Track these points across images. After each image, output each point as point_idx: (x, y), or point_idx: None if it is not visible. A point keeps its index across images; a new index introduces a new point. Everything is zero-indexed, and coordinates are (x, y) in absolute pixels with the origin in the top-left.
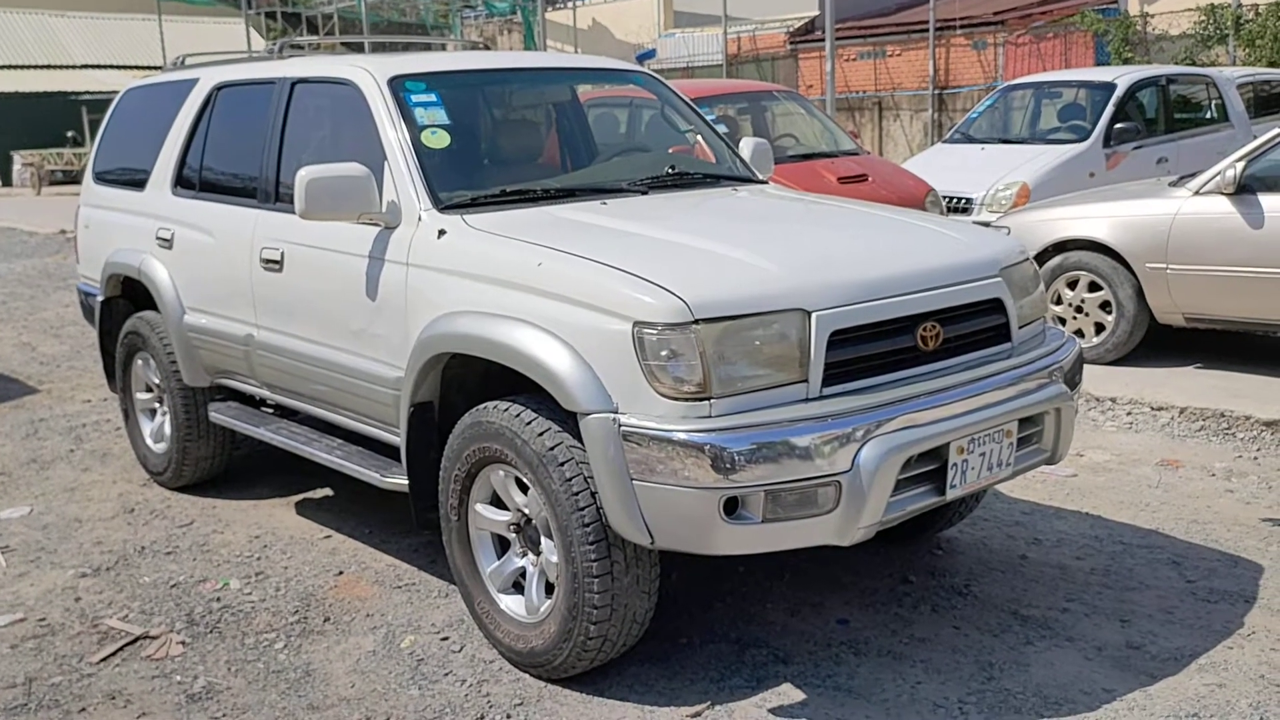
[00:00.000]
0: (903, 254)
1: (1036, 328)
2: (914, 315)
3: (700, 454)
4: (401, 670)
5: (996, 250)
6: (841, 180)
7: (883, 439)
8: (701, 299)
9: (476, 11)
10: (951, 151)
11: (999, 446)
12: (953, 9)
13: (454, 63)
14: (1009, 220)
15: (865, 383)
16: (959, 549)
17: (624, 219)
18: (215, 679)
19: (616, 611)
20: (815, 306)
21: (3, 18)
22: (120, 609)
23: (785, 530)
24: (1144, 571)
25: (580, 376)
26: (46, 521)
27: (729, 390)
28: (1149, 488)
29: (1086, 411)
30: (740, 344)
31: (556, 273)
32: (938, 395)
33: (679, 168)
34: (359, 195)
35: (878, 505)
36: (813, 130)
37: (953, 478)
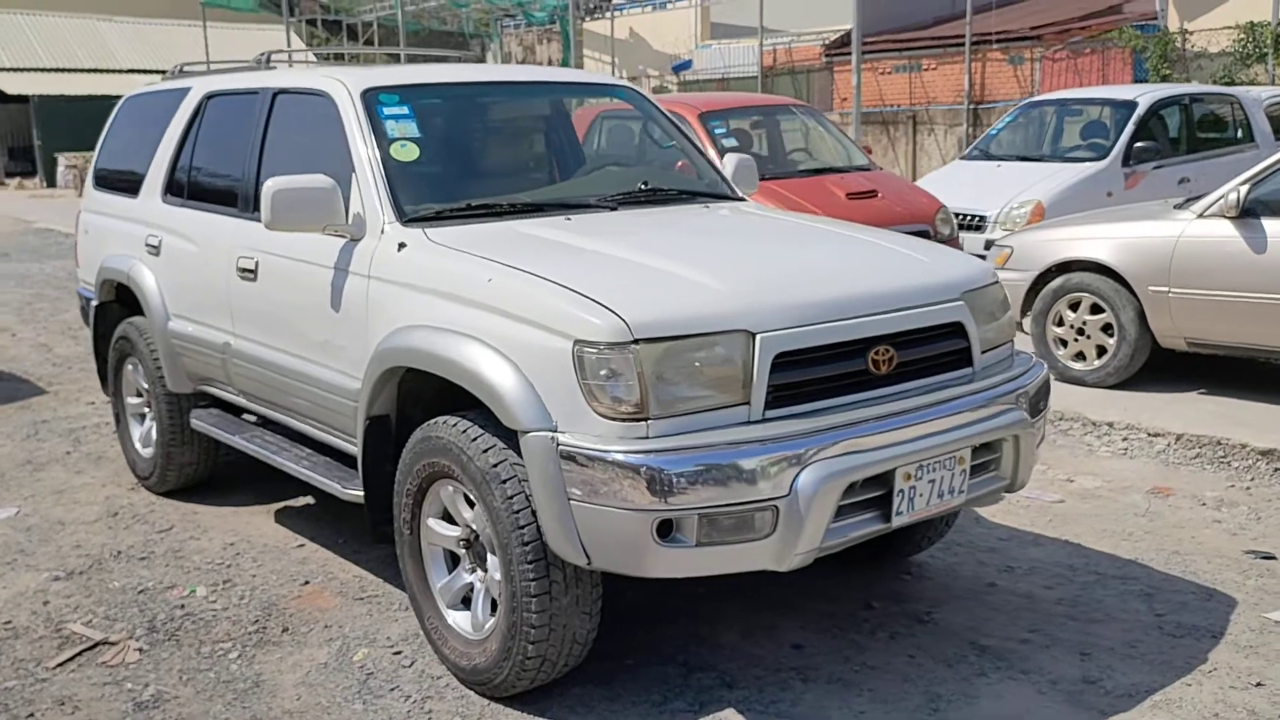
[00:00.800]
0: (859, 276)
1: (1003, 352)
2: (865, 338)
3: (635, 475)
4: (349, 684)
5: (960, 274)
6: (850, 196)
7: (822, 464)
8: (642, 319)
9: (516, 21)
10: (968, 168)
11: (950, 474)
12: (989, 23)
13: (431, 76)
14: (1012, 240)
15: (811, 406)
16: (927, 574)
17: (584, 235)
18: (165, 688)
19: (555, 631)
20: (760, 328)
21: (51, 21)
22: (86, 614)
23: (720, 554)
24: (1113, 603)
25: (521, 394)
26: (30, 523)
27: (667, 411)
28: (1135, 516)
29: (1081, 436)
30: (681, 365)
31: (504, 289)
32: (885, 420)
33: (652, 184)
34: (324, 207)
35: (816, 531)
36: (826, 145)
37: (899, 505)
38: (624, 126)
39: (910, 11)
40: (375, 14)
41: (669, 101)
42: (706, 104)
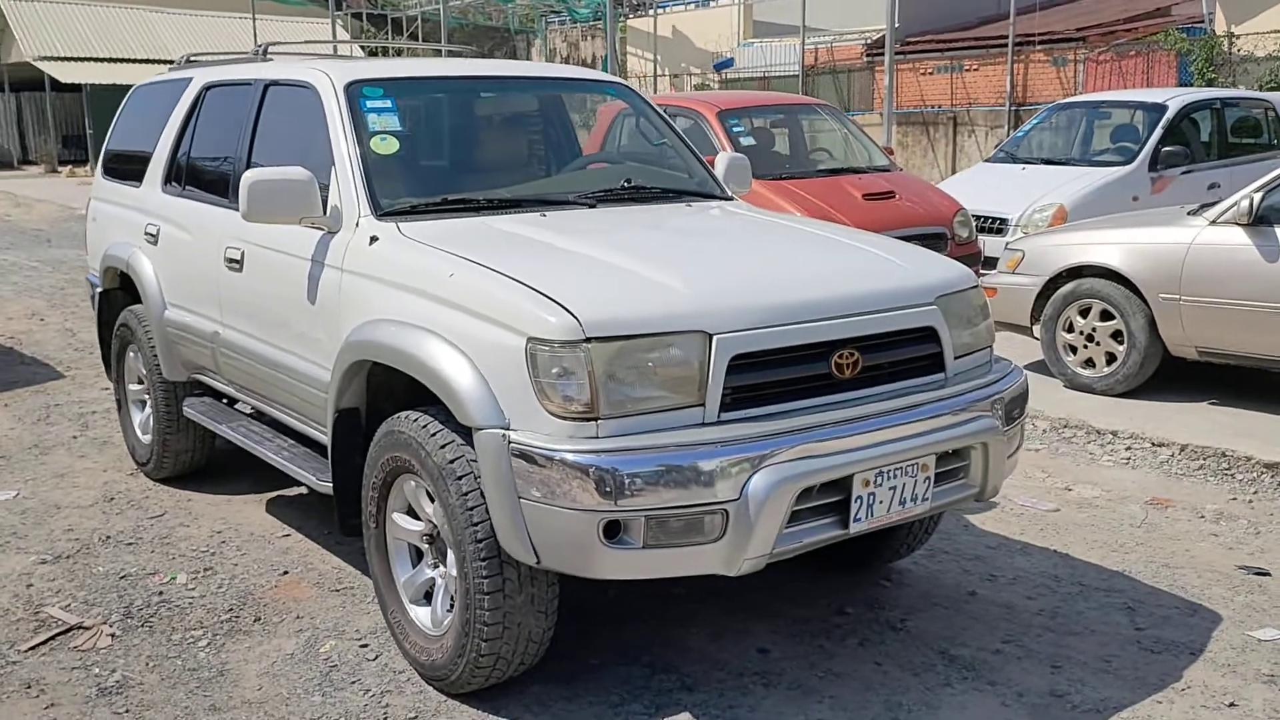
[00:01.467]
0: (827, 279)
1: (980, 358)
2: (827, 342)
3: (583, 475)
4: (312, 676)
5: (935, 278)
6: (867, 197)
7: (775, 468)
8: (595, 317)
9: (560, 17)
10: (993, 171)
11: (912, 481)
12: (1033, 24)
13: (417, 70)
14: (1023, 244)
15: (769, 409)
16: (907, 581)
17: (555, 232)
18: (131, 674)
19: (510, 630)
20: (717, 329)
21: (105, 12)
22: (66, 598)
23: (668, 557)
24: (1094, 616)
25: (475, 391)
26: (27, 506)
27: (619, 411)
28: (1130, 527)
29: (1084, 444)
30: (634, 364)
31: (465, 284)
32: (845, 425)
33: (635, 182)
34: (300, 199)
35: (767, 536)
36: (847, 146)
37: (857, 511)
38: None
39: (955, 12)
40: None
41: (689, 100)
42: (726, 102)
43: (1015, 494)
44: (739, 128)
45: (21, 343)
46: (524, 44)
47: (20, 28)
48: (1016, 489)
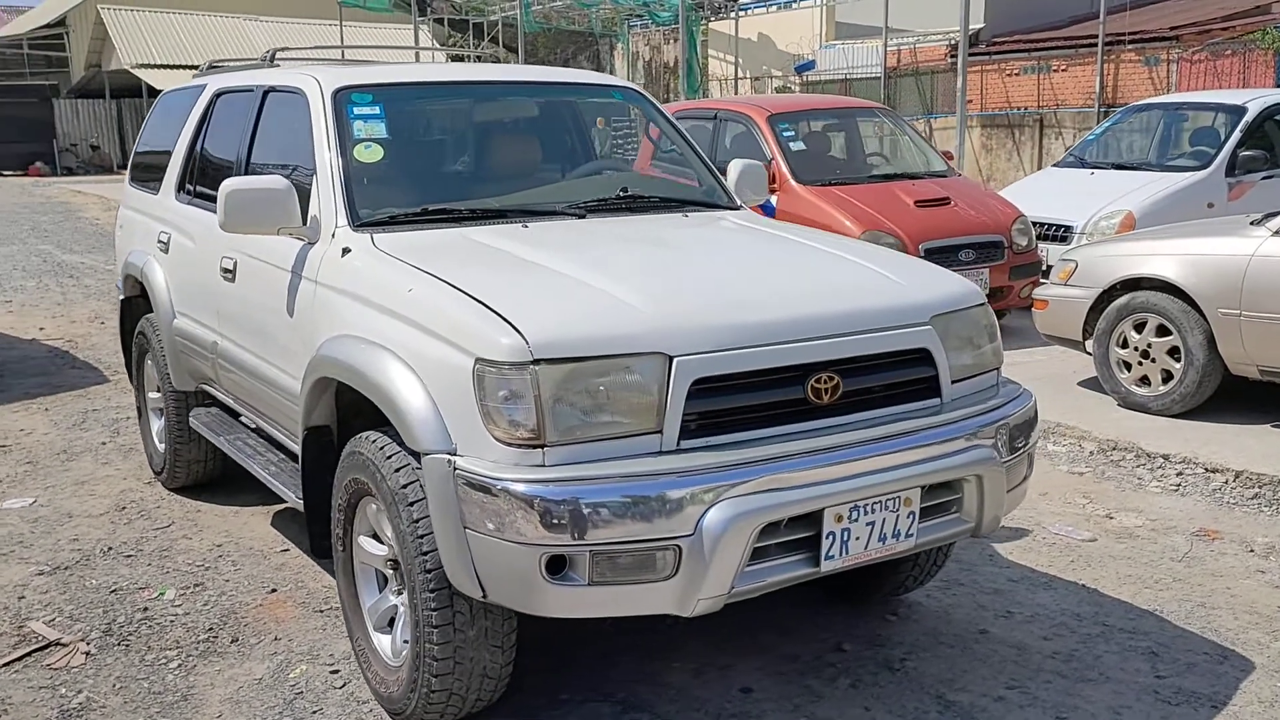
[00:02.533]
0: (807, 296)
1: (984, 381)
2: (801, 365)
3: (526, 507)
4: (274, 703)
5: (933, 296)
6: (919, 203)
7: (734, 501)
8: (545, 338)
9: (643, 21)
10: (1060, 176)
11: (894, 516)
12: (1125, 23)
13: (412, 75)
14: (1077, 254)
15: (735, 436)
16: (915, 616)
17: (530, 245)
18: (96, 695)
19: (462, 665)
20: (678, 351)
21: (199, 20)
22: (54, 611)
23: (617, 595)
24: (1112, 660)
25: (423, 413)
26: (40, 514)
27: (567, 438)
28: (1171, 561)
29: (1133, 469)
30: (585, 388)
31: (421, 300)
32: (817, 455)
33: (632, 190)
34: (277, 209)
35: (724, 574)
36: (904, 150)
37: (829, 548)
38: (702, 127)
39: (1044, 10)
40: (501, 13)
41: (740, 104)
42: (777, 106)
43: (1050, 522)
44: (789, 132)
45: (78, 346)
46: (607, 48)
47: (120, 37)
48: (1052, 516)
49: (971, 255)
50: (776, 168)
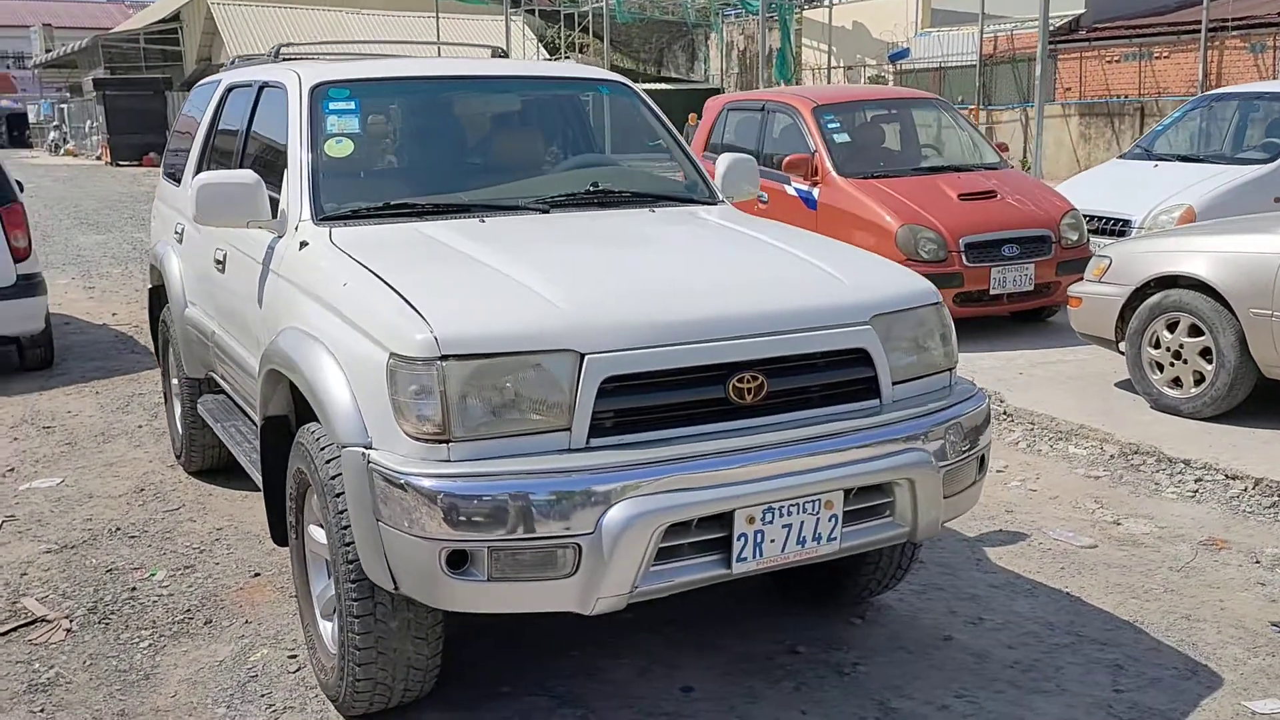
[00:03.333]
0: (734, 294)
1: (934, 383)
2: (721, 364)
3: (429, 502)
4: (228, 686)
5: (876, 294)
6: (963, 196)
7: (636, 501)
8: (454, 334)
9: (736, 10)
10: (1123, 168)
11: (813, 519)
12: (1229, 8)
13: (392, 70)
14: (1112, 250)
15: (647, 435)
16: (882, 620)
17: (476, 240)
18: (65, 672)
19: (385, 655)
20: (589, 348)
21: (301, 14)
22: (49, 589)
23: (517, 592)
24: (1073, 672)
25: (344, 406)
26: (64, 494)
27: (473, 434)
28: (1169, 570)
29: (1151, 473)
30: (493, 385)
31: (352, 295)
32: (729, 456)
33: (603, 185)
34: (246, 202)
35: (625, 574)
36: (958, 142)
37: (741, 550)
38: (751, 118)
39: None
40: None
41: (787, 95)
42: (824, 97)
43: (1052, 526)
44: (834, 124)
45: (141, 331)
46: (701, 38)
47: (228, 30)
48: (1056, 521)
49: (1016, 250)
50: (819, 159)
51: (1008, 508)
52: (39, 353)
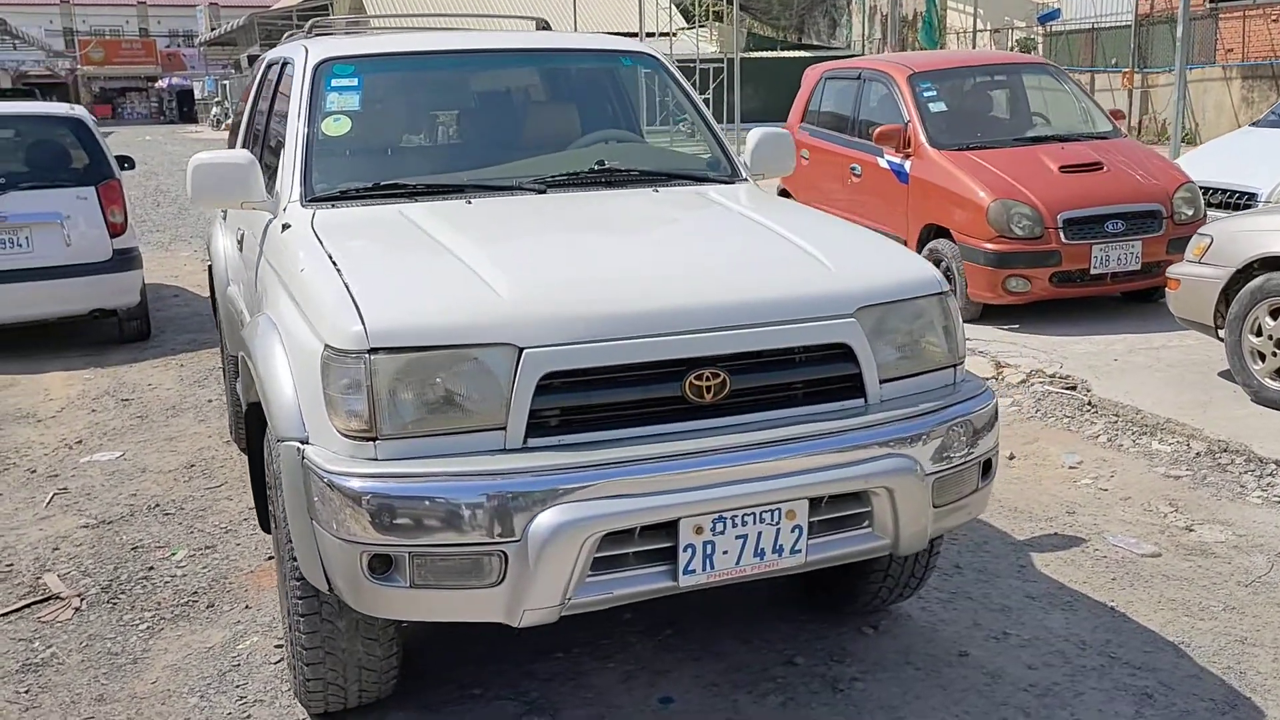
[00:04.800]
0: (698, 282)
1: (932, 381)
2: (677, 360)
3: (352, 503)
4: (209, 674)
5: (863, 285)
6: (1064, 169)
7: (567, 508)
8: (386, 326)
9: None
10: (1255, 136)
11: (772, 530)
12: None
13: (399, 46)
14: (1213, 228)
15: (590, 436)
16: (896, 631)
17: (454, 224)
18: (61, 652)
19: (334, 656)
20: (529, 342)
21: None
22: (75, 565)
23: (441, 600)
24: (1094, 700)
25: (284, 399)
26: (119, 468)
27: (401, 432)
28: (1235, 585)
29: (1239, 474)
30: (424, 380)
31: (307, 282)
32: (675, 460)
33: (609, 164)
34: (239, 183)
35: (554, 585)
36: (1064, 110)
37: (688, 562)
38: (848, 87)
39: None
40: None
41: (883, 62)
42: (923, 64)
43: (1115, 531)
44: (930, 92)
45: None
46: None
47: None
48: (1121, 525)
49: (1121, 226)
50: (912, 130)
51: (1070, 508)
52: (135, 325)
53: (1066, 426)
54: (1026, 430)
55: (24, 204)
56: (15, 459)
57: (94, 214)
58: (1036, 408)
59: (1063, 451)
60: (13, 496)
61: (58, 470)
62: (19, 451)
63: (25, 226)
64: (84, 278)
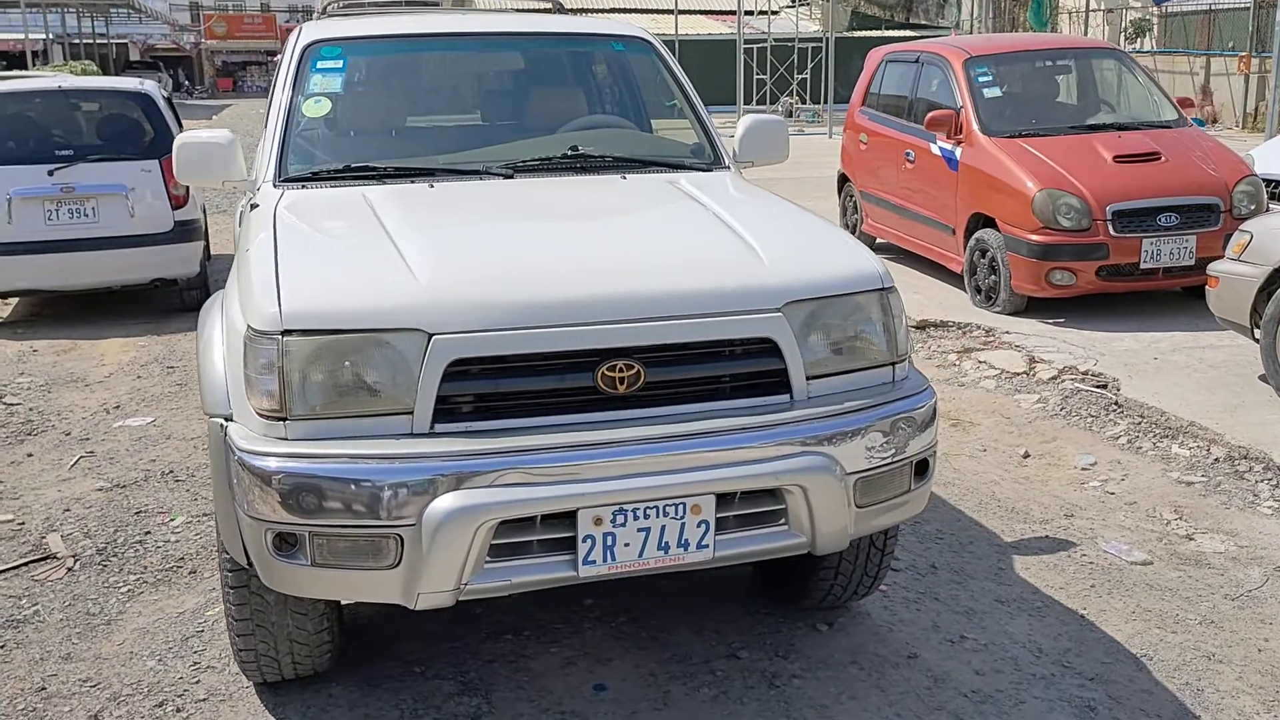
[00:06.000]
0: (620, 272)
1: (867, 379)
2: (589, 350)
3: (260, 481)
4: (172, 639)
5: (795, 278)
6: (1119, 159)
7: (463, 494)
8: (300, 308)
9: None
10: None
11: (677, 523)
12: None
13: (389, 28)
14: (1252, 224)
15: (502, 424)
16: (850, 629)
17: (406, 208)
18: (43, 611)
19: (264, 629)
20: (438, 328)
21: None
22: (80, 526)
23: (342, 580)
24: (1034, 710)
25: (214, 377)
26: (147, 434)
27: (310, 413)
28: (1222, 599)
29: (1254, 482)
30: (335, 362)
31: (248, 262)
32: (579, 451)
33: (582, 149)
34: (220, 162)
35: (448, 570)
36: (1127, 97)
37: (588, 553)
38: (908, 70)
39: None
40: None
41: (939, 45)
42: (979, 48)
43: (1110, 536)
44: (985, 77)
45: None
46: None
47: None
48: (1118, 530)
49: (1175, 220)
50: (964, 116)
51: (1070, 511)
52: (195, 295)
53: (1089, 426)
54: (1047, 428)
55: (91, 175)
56: (55, 421)
57: (158, 186)
58: (1062, 406)
59: (1079, 452)
60: (43, 458)
61: (90, 434)
62: (60, 414)
63: (92, 197)
64: (146, 248)
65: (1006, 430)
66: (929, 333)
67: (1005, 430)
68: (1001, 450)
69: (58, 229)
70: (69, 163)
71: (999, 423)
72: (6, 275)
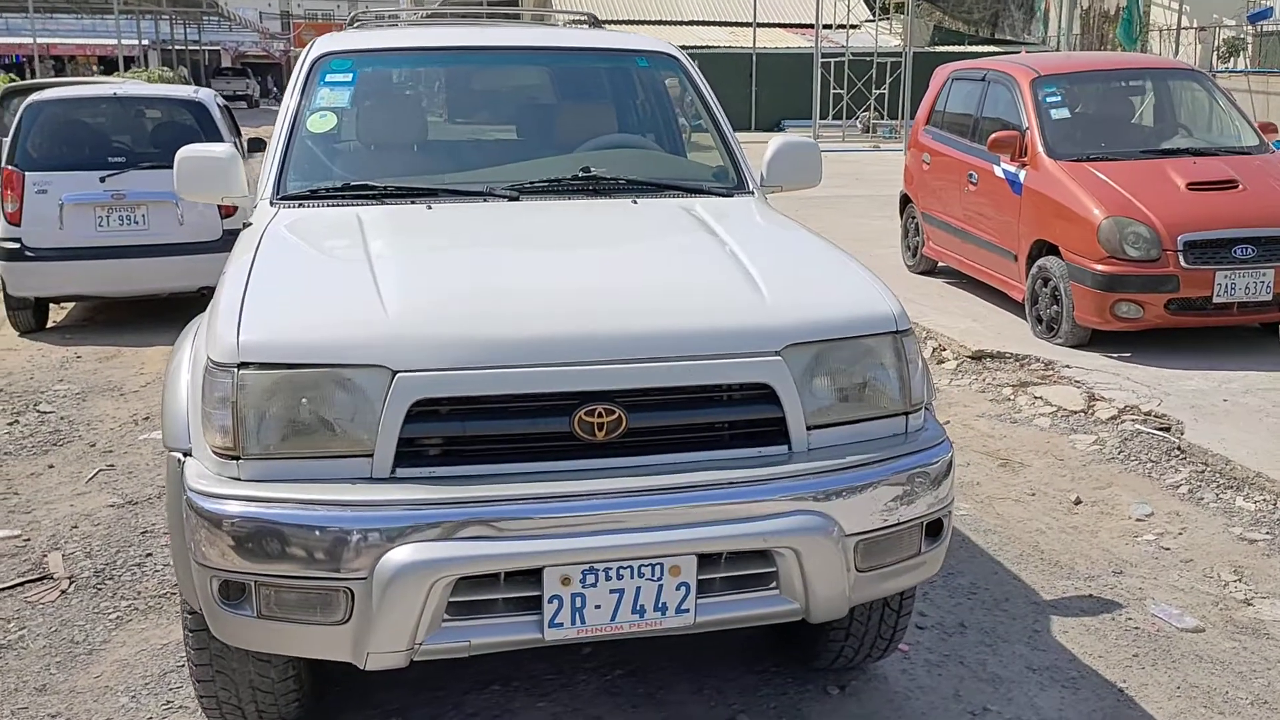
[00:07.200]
0: (605, 309)
1: (878, 429)
2: (565, 393)
3: (207, 524)
4: (151, 674)
5: (798, 318)
6: (1192, 186)
7: (418, 547)
8: (258, 340)
9: None
10: None
11: (653, 585)
12: None
13: (401, 41)
14: None
15: (469, 470)
16: (863, 694)
17: (395, 231)
18: (28, 636)
19: (224, 675)
20: (404, 366)
21: None
22: (83, 545)
23: (289, 634)
24: None
25: (175, 408)
26: None
27: (265, 453)
28: (1278, 674)
29: None
30: (292, 398)
31: (219, 287)
32: (548, 504)
33: (595, 171)
34: (220, 177)
35: (400, 628)
36: (1206, 121)
37: (554, 615)
38: (974, 89)
39: None
40: None
41: (1008, 64)
42: (1050, 67)
43: (1161, 598)
44: (1054, 97)
45: None
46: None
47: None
48: (1170, 592)
49: (1252, 251)
50: (1030, 138)
51: (1119, 567)
52: None
53: (1148, 473)
54: (1103, 473)
55: (142, 183)
56: (83, 431)
57: None
58: (1121, 449)
59: (1135, 500)
60: (63, 470)
61: (114, 445)
62: (89, 424)
63: (143, 204)
64: (194, 256)
65: (1059, 473)
66: (984, 364)
67: (1057, 473)
68: (1051, 495)
69: (108, 235)
70: (121, 170)
71: (1051, 464)
72: (56, 280)
